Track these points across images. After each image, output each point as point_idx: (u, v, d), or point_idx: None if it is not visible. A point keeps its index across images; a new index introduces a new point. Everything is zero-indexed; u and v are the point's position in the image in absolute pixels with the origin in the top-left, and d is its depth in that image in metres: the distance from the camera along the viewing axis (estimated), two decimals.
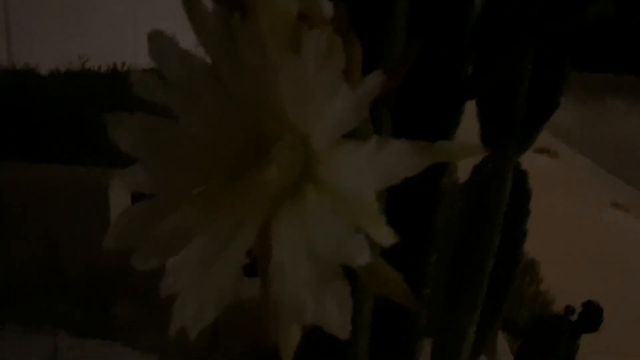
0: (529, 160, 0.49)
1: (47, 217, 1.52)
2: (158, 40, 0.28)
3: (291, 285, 0.24)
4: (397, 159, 0.22)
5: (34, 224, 1.52)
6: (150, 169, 0.29)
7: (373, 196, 0.22)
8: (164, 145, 0.29)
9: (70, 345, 1.43)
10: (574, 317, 0.63)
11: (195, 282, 0.27)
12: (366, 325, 0.40)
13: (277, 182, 0.26)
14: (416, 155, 0.22)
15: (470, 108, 0.44)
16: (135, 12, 3.24)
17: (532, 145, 0.46)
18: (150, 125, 0.29)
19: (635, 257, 2.66)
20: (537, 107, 0.45)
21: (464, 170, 0.48)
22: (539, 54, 0.42)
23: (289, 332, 0.26)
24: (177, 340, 0.28)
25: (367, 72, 0.23)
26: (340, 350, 0.42)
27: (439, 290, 0.46)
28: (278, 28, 0.24)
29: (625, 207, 3.23)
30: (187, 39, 0.32)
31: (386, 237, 0.21)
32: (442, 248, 0.44)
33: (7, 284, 1.48)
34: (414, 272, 0.39)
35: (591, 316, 0.63)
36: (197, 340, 0.27)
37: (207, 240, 0.28)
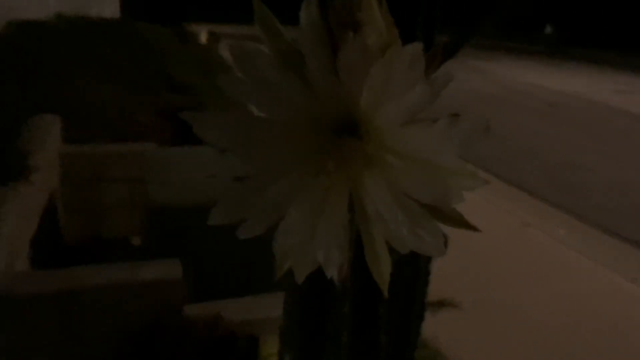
0: None
1: None
2: (241, 52, 0.35)
3: (392, 225, 0.35)
4: (467, 133, 0.34)
5: None
6: (242, 157, 0.36)
7: (456, 159, 0.34)
8: (251, 136, 0.37)
9: None
10: None
11: (306, 237, 0.36)
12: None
13: (363, 155, 0.36)
14: (483, 126, 0.34)
15: None
16: None
17: None
18: (235, 121, 0.37)
19: None
20: None
21: None
22: None
23: (385, 263, 0.36)
24: None
25: None
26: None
27: None
28: (378, 43, 0.33)
29: None
30: None
31: (478, 183, 0.33)
32: None
33: None
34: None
35: None
36: None
37: (305, 205, 0.37)
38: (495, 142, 4.81)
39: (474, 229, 0.36)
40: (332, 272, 0.35)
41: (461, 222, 0.36)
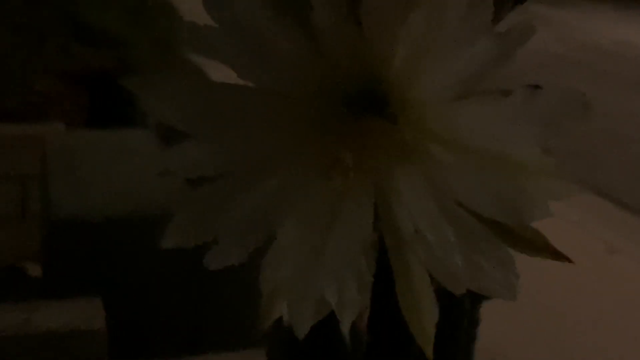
0: None
1: None
2: None
3: (439, 251, 0.35)
4: (555, 112, 0.33)
5: None
6: (213, 145, 0.36)
7: (538, 151, 0.33)
8: (227, 113, 0.36)
9: None
10: None
11: (310, 266, 0.36)
12: None
13: (396, 143, 0.36)
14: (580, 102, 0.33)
15: None
16: None
17: None
18: (204, 90, 0.36)
19: None
20: None
21: None
22: None
23: (428, 308, 0.36)
24: None
25: None
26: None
27: None
28: None
29: None
30: None
31: (570, 188, 0.33)
32: None
33: None
34: None
35: None
36: None
37: (307, 219, 0.36)
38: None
39: (563, 258, 0.36)
40: (348, 321, 0.35)
41: (544, 249, 0.36)
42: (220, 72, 0.39)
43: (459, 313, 0.60)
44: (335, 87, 0.37)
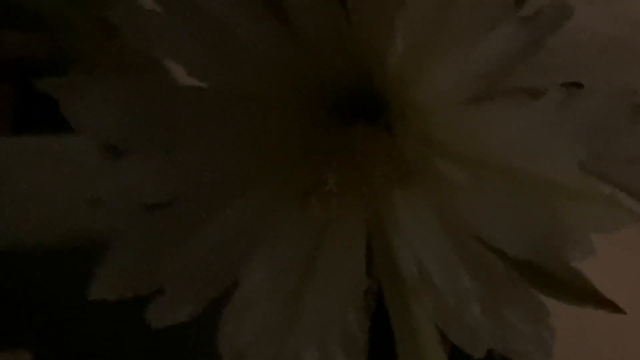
0: None
1: None
2: None
3: (451, 299, 0.34)
4: (600, 118, 0.33)
5: None
6: (156, 163, 0.36)
7: (578, 169, 0.33)
8: (173, 123, 0.36)
9: None
10: None
11: (282, 324, 0.35)
12: None
13: (394, 160, 0.35)
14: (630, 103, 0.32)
15: None
16: None
17: None
18: (142, 94, 0.36)
19: None
20: None
21: None
22: None
23: None
24: None
25: None
26: None
27: None
28: None
29: None
30: None
31: (624, 216, 0.32)
32: None
33: None
34: None
35: None
36: None
37: (279, 260, 0.36)
38: None
39: (614, 308, 0.36)
40: None
41: (588, 296, 0.36)
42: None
43: None
44: (316, 88, 0.36)
